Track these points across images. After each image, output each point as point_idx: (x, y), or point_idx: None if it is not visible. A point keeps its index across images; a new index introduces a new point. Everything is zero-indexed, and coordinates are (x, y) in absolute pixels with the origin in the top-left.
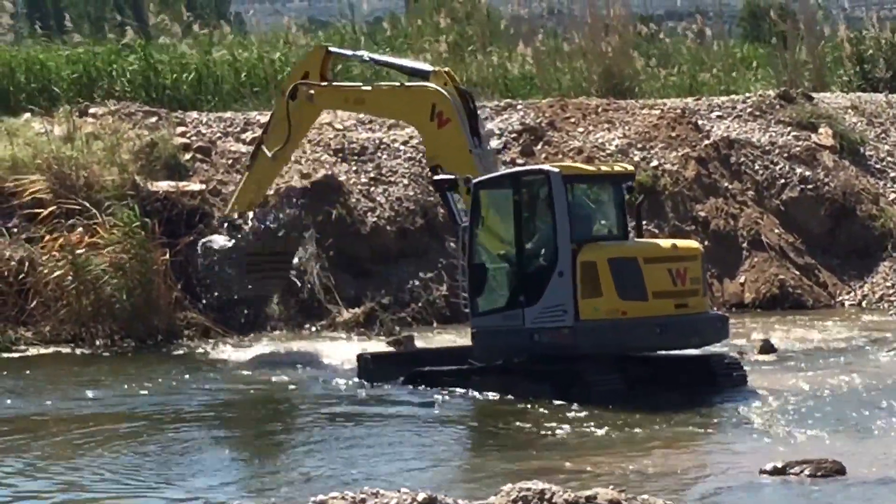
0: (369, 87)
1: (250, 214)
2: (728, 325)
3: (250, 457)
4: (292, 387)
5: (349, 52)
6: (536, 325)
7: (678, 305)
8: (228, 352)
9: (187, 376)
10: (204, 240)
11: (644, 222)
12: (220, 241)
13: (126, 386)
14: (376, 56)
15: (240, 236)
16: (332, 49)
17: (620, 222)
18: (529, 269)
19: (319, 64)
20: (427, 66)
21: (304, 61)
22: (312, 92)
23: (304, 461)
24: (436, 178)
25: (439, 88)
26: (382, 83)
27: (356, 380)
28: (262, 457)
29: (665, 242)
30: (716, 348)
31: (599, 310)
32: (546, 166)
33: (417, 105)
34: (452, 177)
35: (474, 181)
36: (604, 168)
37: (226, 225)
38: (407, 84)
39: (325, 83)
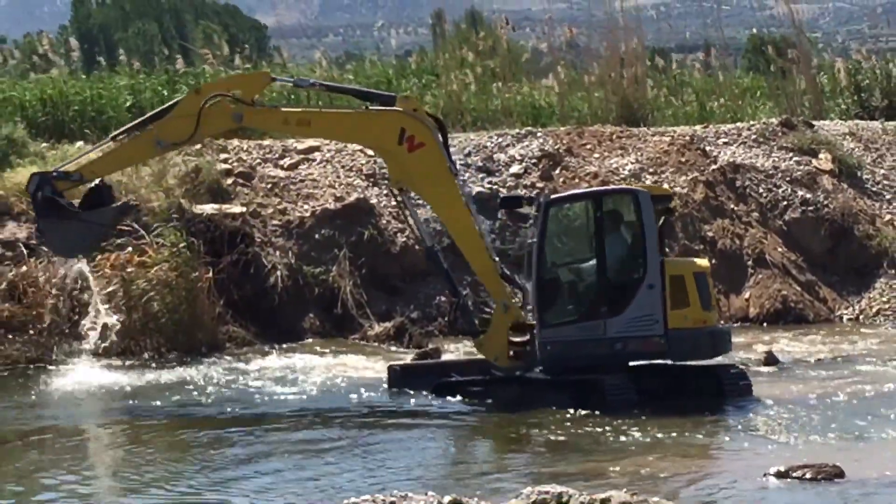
0: (316, 110)
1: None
2: (730, 339)
3: (289, 463)
4: (327, 396)
5: (290, 79)
6: (621, 335)
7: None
8: (268, 363)
9: (232, 387)
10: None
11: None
12: None
13: (185, 399)
14: (327, 82)
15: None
16: (275, 76)
17: (661, 239)
18: (613, 281)
19: (258, 89)
20: (390, 93)
21: (240, 79)
22: (242, 113)
23: (337, 466)
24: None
25: (409, 113)
26: (329, 109)
27: (386, 389)
28: (299, 463)
29: (698, 259)
30: (721, 359)
31: (688, 319)
32: (634, 187)
33: (383, 129)
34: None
35: (546, 199)
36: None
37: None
38: (372, 108)
39: (255, 105)
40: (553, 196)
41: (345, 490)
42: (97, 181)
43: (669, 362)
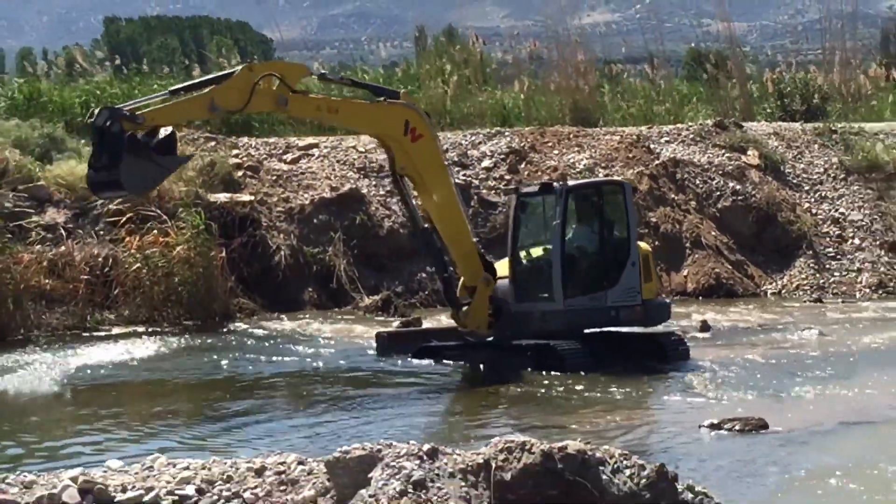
0: (343, 99)
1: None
2: (670, 310)
3: (287, 416)
4: (322, 359)
5: (323, 72)
6: (615, 305)
7: None
8: (272, 331)
9: (236, 349)
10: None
11: None
12: None
13: (204, 361)
14: (350, 77)
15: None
16: (311, 71)
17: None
18: (610, 259)
19: (297, 78)
20: (396, 90)
21: (283, 66)
22: (287, 98)
23: (329, 419)
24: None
25: (414, 107)
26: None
27: (375, 354)
28: (296, 416)
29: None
30: (662, 327)
31: (651, 291)
32: (622, 179)
33: (393, 120)
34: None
35: (566, 187)
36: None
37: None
38: (384, 101)
39: (296, 91)
40: (572, 183)
41: (337, 440)
42: (170, 129)
43: (615, 329)
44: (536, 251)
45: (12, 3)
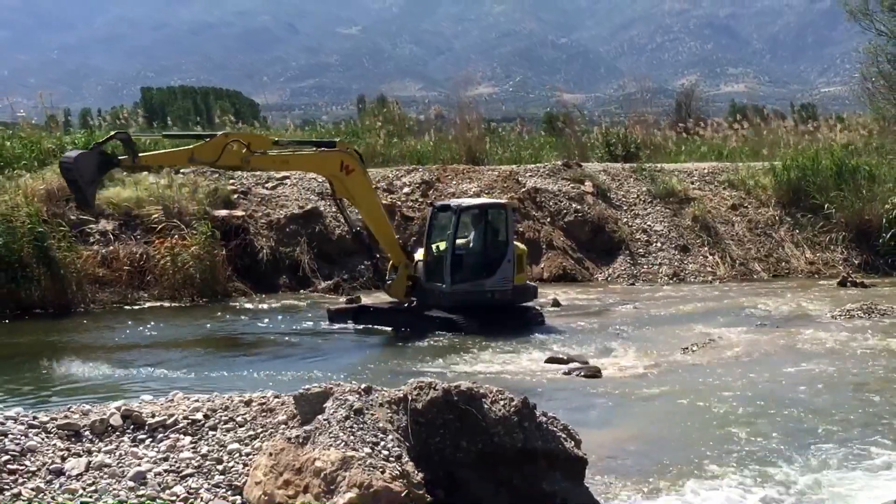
0: (290, 152)
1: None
2: (537, 291)
3: (268, 365)
4: (291, 325)
5: (279, 139)
6: (492, 289)
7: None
8: (257, 305)
9: (233, 318)
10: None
11: None
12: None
13: (210, 326)
14: (296, 139)
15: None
16: (275, 140)
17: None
18: (490, 257)
19: (263, 145)
20: (332, 140)
21: (253, 137)
22: (249, 158)
23: (292, 368)
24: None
25: (346, 151)
26: (298, 151)
27: (326, 322)
28: (274, 364)
29: (519, 244)
30: (531, 304)
31: (523, 279)
32: (504, 200)
33: (331, 162)
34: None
35: (459, 207)
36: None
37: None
38: (323, 150)
39: (255, 152)
40: (462, 205)
41: (301, 381)
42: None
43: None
44: (442, 245)
45: (76, 75)
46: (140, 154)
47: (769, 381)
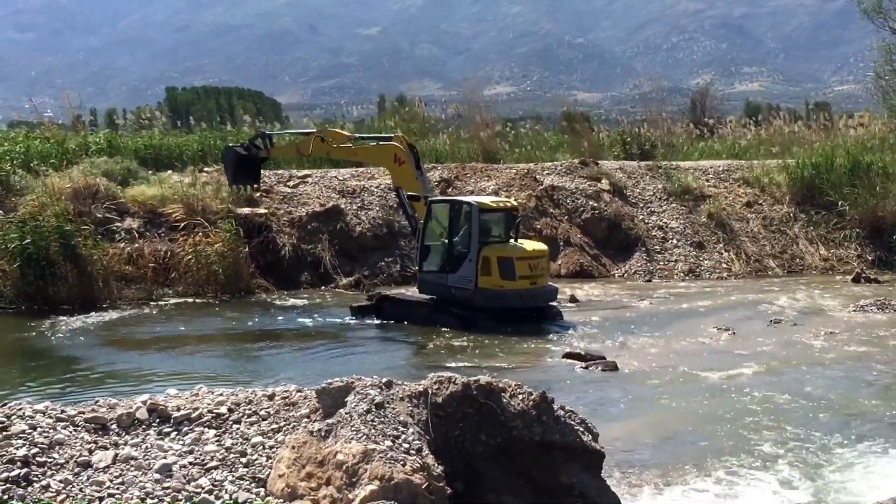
0: (361, 146)
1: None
2: (556, 291)
3: (286, 358)
4: (314, 320)
5: (356, 135)
6: (453, 285)
7: (531, 283)
8: (279, 301)
9: (256, 314)
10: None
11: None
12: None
13: (233, 322)
14: (365, 135)
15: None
16: (352, 135)
17: (507, 233)
18: (454, 253)
19: (342, 140)
20: (390, 135)
21: (335, 133)
22: (330, 150)
23: (315, 361)
24: (409, 194)
25: (397, 145)
26: (366, 145)
27: (349, 318)
28: (297, 358)
29: (528, 245)
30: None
31: (489, 283)
32: (469, 198)
33: (387, 154)
34: (417, 195)
35: (430, 200)
36: (501, 203)
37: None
38: (380, 143)
39: (336, 145)
40: (432, 198)
41: (324, 375)
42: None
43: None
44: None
45: (101, 76)
46: (273, 147)
47: (786, 376)
